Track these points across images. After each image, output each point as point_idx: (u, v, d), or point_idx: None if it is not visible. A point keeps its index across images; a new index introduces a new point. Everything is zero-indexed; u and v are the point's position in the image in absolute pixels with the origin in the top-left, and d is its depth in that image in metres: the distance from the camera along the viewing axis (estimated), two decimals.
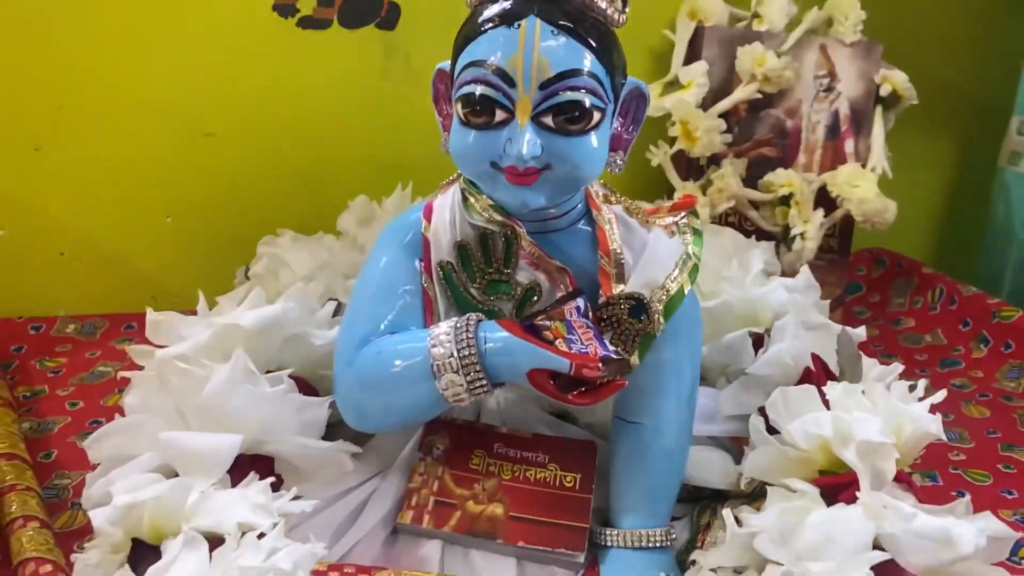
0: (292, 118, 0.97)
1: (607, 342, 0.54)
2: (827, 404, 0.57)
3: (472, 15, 0.53)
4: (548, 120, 0.51)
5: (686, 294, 0.58)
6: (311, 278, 0.77)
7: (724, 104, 0.96)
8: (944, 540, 0.47)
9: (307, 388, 0.63)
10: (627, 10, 0.53)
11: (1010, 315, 0.94)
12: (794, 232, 0.95)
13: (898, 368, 0.62)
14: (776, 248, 0.92)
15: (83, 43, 0.89)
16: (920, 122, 1.09)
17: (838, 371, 0.66)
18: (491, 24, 0.51)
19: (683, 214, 0.62)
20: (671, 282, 0.58)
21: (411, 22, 0.96)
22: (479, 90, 0.51)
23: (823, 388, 0.58)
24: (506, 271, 0.58)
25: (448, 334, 0.54)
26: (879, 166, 0.98)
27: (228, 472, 0.54)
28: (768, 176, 0.97)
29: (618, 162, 0.57)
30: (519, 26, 0.50)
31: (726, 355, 0.69)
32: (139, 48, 0.91)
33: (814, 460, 0.56)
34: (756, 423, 0.59)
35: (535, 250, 0.57)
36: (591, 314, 0.56)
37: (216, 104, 0.94)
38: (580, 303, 0.56)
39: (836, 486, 0.53)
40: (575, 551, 0.57)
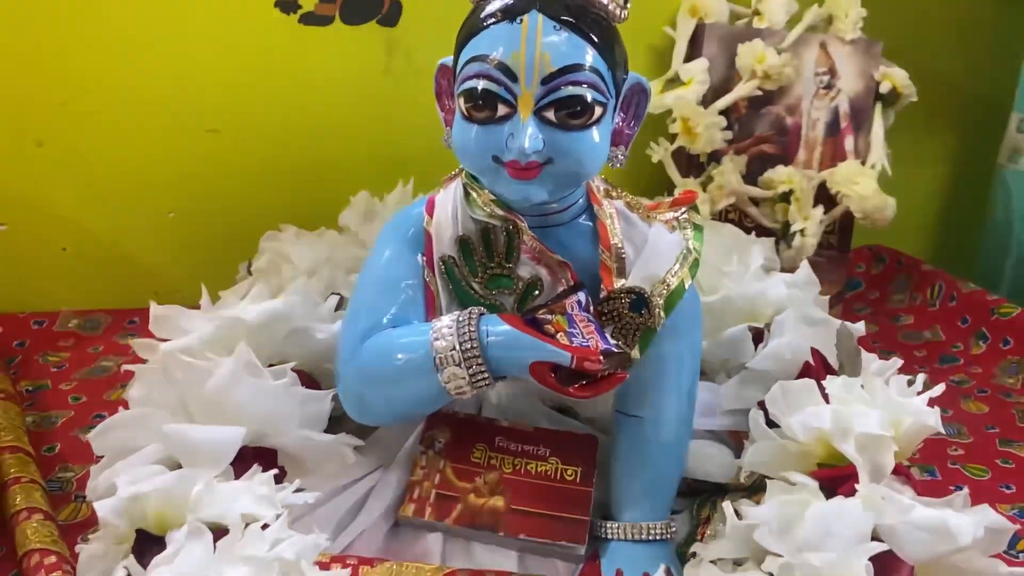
0: (294, 114, 0.97)
1: (608, 336, 0.55)
2: (826, 398, 0.57)
3: (474, 10, 0.54)
4: (550, 115, 0.51)
5: (687, 289, 0.58)
6: (313, 273, 0.77)
7: (724, 101, 0.96)
8: (942, 532, 0.47)
9: (310, 382, 0.64)
10: (628, 6, 0.54)
11: (1009, 312, 0.94)
12: (794, 229, 0.95)
13: (897, 363, 0.62)
14: (776, 245, 0.92)
15: (86, 39, 0.90)
16: (920, 119, 1.09)
17: (837, 366, 0.67)
18: (493, 19, 0.52)
19: (684, 209, 0.62)
20: (672, 276, 0.58)
21: (413, 18, 0.97)
22: (481, 85, 0.51)
23: (822, 382, 0.59)
24: (508, 265, 0.58)
25: (450, 327, 0.54)
26: (879, 163, 0.98)
27: (232, 464, 0.54)
28: (768, 173, 0.98)
29: (619, 157, 0.57)
30: (521, 21, 0.51)
31: (726, 350, 0.69)
32: (142, 44, 0.91)
33: (813, 453, 0.56)
34: (756, 417, 0.60)
35: (537, 244, 0.58)
36: (592, 308, 0.56)
37: (218, 100, 0.95)
38: (581, 297, 0.56)
39: (835, 479, 0.53)
40: (576, 543, 0.57)
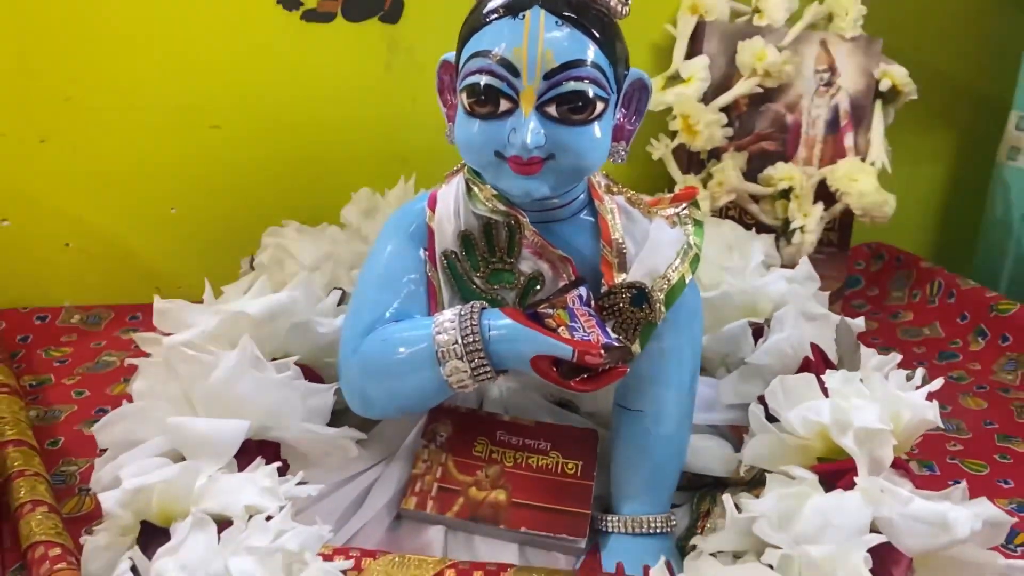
0: (296, 110, 0.97)
1: (609, 330, 0.55)
2: (826, 392, 0.58)
3: (477, 6, 0.54)
4: (552, 110, 0.52)
5: (687, 283, 0.58)
6: (315, 268, 0.77)
7: (725, 98, 0.97)
8: (940, 524, 0.48)
9: (312, 375, 0.64)
10: (630, 2, 0.54)
11: (1007, 308, 0.95)
12: (794, 226, 0.96)
13: (896, 357, 0.62)
14: (776, 241, 0.93)
15: (90, 35, 0.90)
16: (919, 117, 1.09)
17: (837, 360, 0.67)
18: (496, 15, 0.52)
19: (685, 205, 0.62)
20: (672, 271, 0.58)
21: (414, 15, 0.97)
22: (484, 80, 0.52)
23: (822, 377, 0.59)
24: (509, 260, 0.59)
25: (452, 321, 0.54)
26: (878, 160, 0.99)
27: (235, 457, 0.55)
28: (768, 170, 0.98)
29: (621, 152, 0.57)
30: (523, 17, 0.51)
31: (726, 345, 0.70)
32: (145, 41, 0.91)
33: (813, 447, 0.57)
34: (756, 411, 0.60)
35: (538, 239, 0.58)
36: (593, 303, 0.56)
37: (221, 97, 0.95)
38: (582, 292, 0.56)
39: (834, 472, 0.54)
40: (577, 537, 0.57)
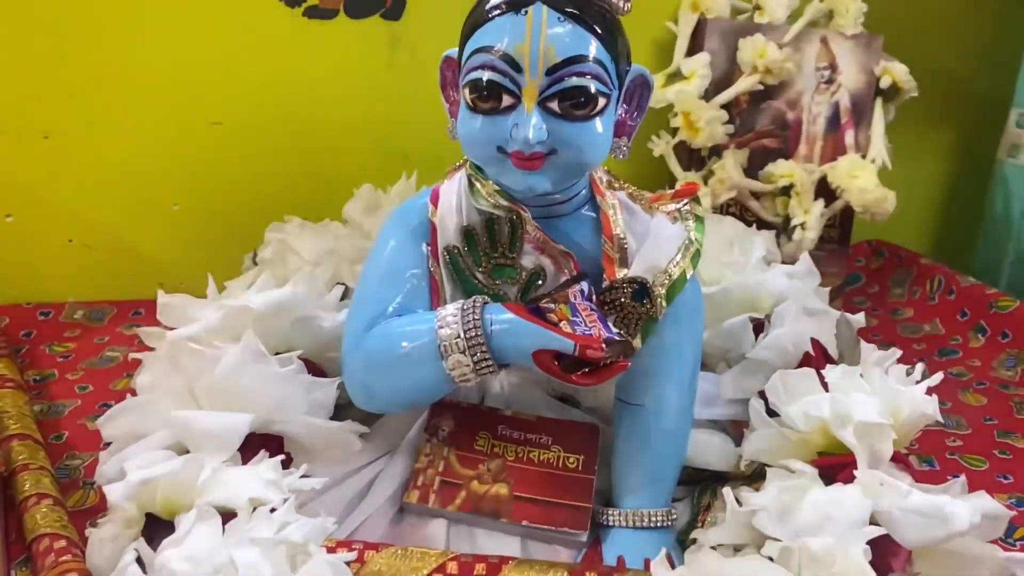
0: (298, 107, 0.97)
1: (610, 325, 0.55)
2: (826, 387, 0.58)
3: (480, 2, 0.54)
4: (554, 105, 0.52)
5: (688, 279, 0.59)
6: (318, 264, 0.77)
7: (726, 95, 0.97)
8: (939, 517, 0.48)
9: (315, 370, 0.64)
10: None
11: (1007, 305, 0.95)
12: (794, 222, 0.96)
13: (896, 353, 0.62)
14: (776, 238, 0.93)
15: (93, 32, 0.90)
16: (920, 114, 1.09)
17: (837, 355, 0.67)
18: (498, 11, 0.52)
19: (686, 201, 0.62)
20: (673, 267, 0.58)
21: (416, 12, 0.97)
22: (486, 76, 0.52)
23: (822, 371, 0.59)
24: (511, 255, 0.59)
25: (455, 315, 0.54)
26: (879, 157, 0.99)
27: (239, 450, 0.55)
28: (769, 167, 0.98)
29: (622, 148, 0.58)
30: (526, 12, 0.51)
31: (727, 340, 0.70)
32: (148, 37, 0.92)
33: (813, 442, 0.57)
34: (756, 406, 0.60)
35: (540, 235, 0.58)
36: (595, 297, 0.57)
37: (223, 93, 0.95)
38: (584, 286, 0.56)
39: (834, 467, 0.54)
40: (578, 530, 0.58)
